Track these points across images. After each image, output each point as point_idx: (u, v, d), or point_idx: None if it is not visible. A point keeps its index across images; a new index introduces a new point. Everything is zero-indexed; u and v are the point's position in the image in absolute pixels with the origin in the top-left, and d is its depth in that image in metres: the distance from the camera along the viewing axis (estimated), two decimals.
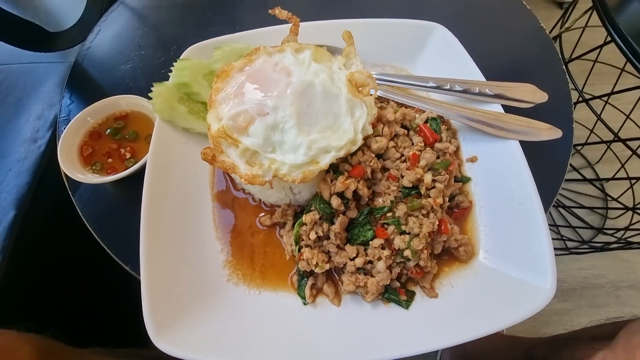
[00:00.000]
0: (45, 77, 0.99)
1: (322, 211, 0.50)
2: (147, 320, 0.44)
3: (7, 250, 0.77)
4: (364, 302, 0.51)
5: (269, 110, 0.47)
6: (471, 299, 0.49)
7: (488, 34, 0.80)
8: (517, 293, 0.46)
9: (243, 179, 0.47)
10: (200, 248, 0.55)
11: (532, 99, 0.62)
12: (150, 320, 0.44)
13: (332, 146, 0.48)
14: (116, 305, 1.08)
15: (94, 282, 0.98)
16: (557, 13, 1.84)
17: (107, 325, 1.01)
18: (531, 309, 0.44)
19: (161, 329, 0.44)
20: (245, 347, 0.46)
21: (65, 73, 0.94)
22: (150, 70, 0.80)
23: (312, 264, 0.49)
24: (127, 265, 0.56)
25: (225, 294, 0.52)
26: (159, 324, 0.44)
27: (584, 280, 1.45)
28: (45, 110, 0.95)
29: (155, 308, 0.45)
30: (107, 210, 0.63)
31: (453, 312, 0.48)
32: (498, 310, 0.46)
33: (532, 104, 0.62)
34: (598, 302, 1.41)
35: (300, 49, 0.52)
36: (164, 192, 0.55)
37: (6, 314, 0.74)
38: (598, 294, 1.43)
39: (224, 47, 0.64)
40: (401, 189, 0.54)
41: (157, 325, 0.44)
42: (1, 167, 0.87)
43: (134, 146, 0.66)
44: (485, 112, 0.58)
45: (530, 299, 0.45)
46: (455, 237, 0.53)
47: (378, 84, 0.58)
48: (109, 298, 1.04)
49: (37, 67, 1.01)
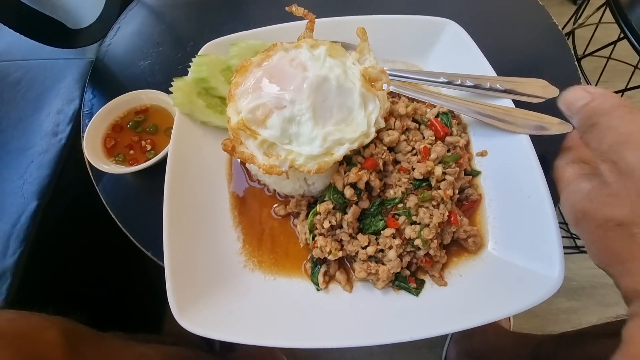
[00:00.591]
0: (65, 73, 1.02)
1: (336, 201, 0.52)
2: (171, 300, 0.47)
3: (30, 239, 0.81)
4: (375, 289, 0.53)
5: (287, 104, 0.49)
6: (479, 288, 0.51)
7: (500, 30, 0.80)
8: (525, 282, 0.48)
9: (261, 168, 0.49)
10: (217, 235, 0.58)
11: (543, 94, 0.62)
12: (174, 300, 0.47)
13: (346, 138, 0.50)
14: (132, 292, 1.12)
15: (112, 269, 1.02)
16: (570, 9, 1.82)
17: (124, 311, 1.05)
18: (539, 297, 0.45)
19: (183, 309, 0.47)
20: (261, 327, 0.48)
21: (83, 69, 0.98)
22: (168, 66, 0.82)
23: (325, 252, 0.51)
24: (149, 251, 0.59)
25: (242, 279, 0.54)
26: (181, 304, 0.47)
27: (592, 279, 1.44)
28: (65, 105, 0.98)
29: (178, 290, 0.48)
30: (129, 199, 0.66)
31: (462, 299, 0.50)
32: (506, 298, 0.48)
33: (543, 99, 0.62)
34: (607, 301, 1.40)
35: (315, 44, 0.54)
36: (184, 182, 0.58)
37: (31, 299, 0.78)
38: (607, 293, 1.42)
39: (240, 44, 0.67)
40: (412, 181, 0.55)
41: (179, 306, 0.47)
42: (23, 159, 0.91)
43: (154, 139, 0.69)
44: (496, 106, 0.59)
45: (538, 288, 0.46)
46: (465, 228, 0.55)
47: (390, 80, 0.60)
48: (125, 285, 1.08)
49: (56, 64, 1.04)
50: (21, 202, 0.85)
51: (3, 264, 0.78)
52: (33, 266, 0.80)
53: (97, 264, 0.96)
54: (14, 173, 0.89)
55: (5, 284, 0.76)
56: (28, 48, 1.08)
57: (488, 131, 0.61)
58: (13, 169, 0.90)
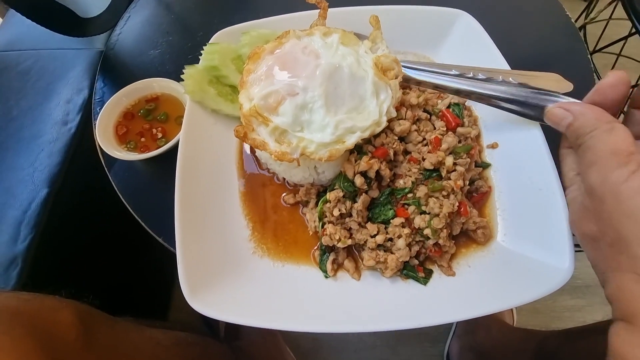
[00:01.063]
0: (74, 63, 1.03)
1: (346, 189, 0.53)
2: (182, 283, 0.48)
3: (41, 226, 0.82)
4: (383, 278, 0.53)
5: (299, 91, 0.49)
6: (488, 278, 0.51)
7: (512, 21, 0.80)
8: (535, 273, 0.48)
9: (273, 155, 0.49)
10: (227, 222, 0.58)
11: (557, 89, 0.61)
12: (186, 283, 0.48)
13: (357, 127, 0.50)
14: (139, 281, 1.14)
15: (121, 257, 1.03)
16: (581, 5, 1.80)
17: (132, 298, 1.06)
18: (548, 287, 0.45)
19: (195, 292, 0.48)
20: (270, 311, 0.49)
21: (92, 59, 0.98)
22: (178, 55, 0.83)
23: (334, 239, 0.52)
24: (160, 237, 0.60)
25: (251, 265, 0.55)
26: (192, 287, 0.48)
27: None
28: (75, 94, 0.99)
29: (189, 273, 0.49)
30: (140, 186, 0.67)
31: (470, 289, 0.50)
32: (515, 289, 0.48)
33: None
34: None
35: (328, 32, 0.54)
36: (195, 169, 0.58)
37: (42, 284, 0.79)
38: None
39: (251, 32, 0.67)
40: (422, 171, 0.55)
41: (191, 288, 0.48)
42: (34, 147, 0.92)
43: (164, 127, 0.70)
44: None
45: (547, 279, 0.46)
46: (474, 219, 0.55)
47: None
48: (133, 273, 1.09)
49: (66, 54, 1.05)
50: (32, 190, 0.86)
51: (14, 249, 0.79)
52: (43, 252, 0.81)
53: (105, 251, 0.97)
54: (25, 161, 0.90)
55: (16, 270, 0.78)
56: (37, 38, 1.08)
57: (499, 123, 0.61)
58: (24, 157, 0.91)
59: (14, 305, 0.46)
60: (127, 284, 1.07)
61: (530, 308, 1.38)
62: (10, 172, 0.90)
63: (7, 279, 0.76)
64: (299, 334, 1.29)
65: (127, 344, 0.58)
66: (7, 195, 0.87)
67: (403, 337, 1.32)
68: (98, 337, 0.52)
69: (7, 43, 1.13)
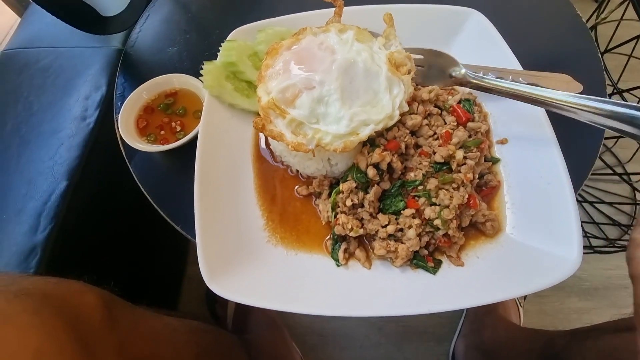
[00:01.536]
0: (92, 61, 1.06)
1: (358, 180, 0.54)
2: (202, 268, 0.51)
3: (60, 217, 0.84)
4: (393, 267, 0.55)
5: (316, 84, 0.51)
6: (497, 268, 0.52)
7: (522, 21, 0.81)
8: (543, 263, 0.49)
9: (290, 145, 0.51)
10: (243, 212, 0.60)
11: (567, 90, 0.61)
12: (205, 267, 0.50)
13: (371, 119, 0.52)
14: (151, 273, 1.16)
15: (135, 249, 1.06)
16: (591, 6, 1.80)
17: (146, 288, 1.09)
18: (558, 276, 0.47)
19: (213, 276, 0.50)
20: (284, 295, 0.51)
21: (109, 57, 1.01)
22: (195, 52, 0.85)
23: (347, 228, 0.53)
24: (179, 226, 0.62)
25: (266, 253, 0.57)
26: (211, 271, 0.51)
27: (607, 280, 1.42)
28: (93, 91, 1.02)
29: (208, 258, 0.51)
30: (160, 177, 0.70)
31: (479, 278, 0.52)
32: (524, 278, 0.49)
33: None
34: (620, 303, 1.39)
35: (343, 29, 0.56)
36: (213, 159, 0.61)
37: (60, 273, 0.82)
38: (621, 295, 1.40)
39: (267, 30, 0.69)
40: (433, 164, 0.57)
41: (210, 272, 0.50)
42: (54, 141, 0.95)
43: (183, 120, 0.72)
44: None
45: (556, 268, 0.47)
46: (483, 212, 0.56)
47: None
48: (146, 264, 1.11)
49: (84, 52, 1.08)
50: (52, 182, 0.89)
51: (34, 239, 0.82)
52: (62, 243, 0.84)
53: (121, 243, 1.00)
54: (45, 154, 0.93)
55: (35, 259, 0.80)
56: (56, 36, 1.12)
57: (509, 120, 0.63)
58: (44, 150, 0.94)
59: (43, 288, 0.48)
60: (140, 276, 1.09)
61: (537, 309, 1.37)
62: (31, 165, 0.93)
63: (27, 268, 0.78)
64: (305, 330, 1.30)
65: (147, 329, 0.60)
66: (28, 186, 0.89)
67: (408, 336, 1.33)
68: (120, 320, 0.54)
69: (27, 40, 1.17)
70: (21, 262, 0.79)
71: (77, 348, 0.43)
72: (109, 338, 0.50)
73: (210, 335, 0.81)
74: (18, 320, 0.41)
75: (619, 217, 1.45)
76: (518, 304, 1.25)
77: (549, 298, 1.38)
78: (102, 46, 1.05)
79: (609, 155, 1.52)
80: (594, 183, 1.51)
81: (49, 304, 0.45)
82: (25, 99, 1.03)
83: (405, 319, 1.32)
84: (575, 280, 1.41)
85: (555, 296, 1.38)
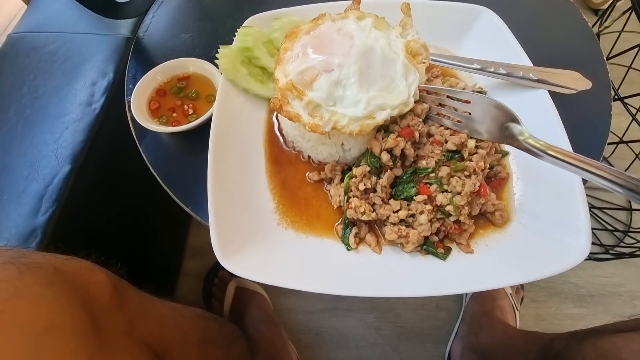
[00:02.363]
0: (100, 48, 1.06)
1: (372, 165, 0.55)
2: (214, 245, 0.51)
3: (62, 200, 0.83)
4: (403, 253, 0.55)
5: (335, 67, 0.52)
6: (506, 255, 0.53)
7: (529, 22, 0.82)
8: (552, 250, 0.50)
9: (307, 126, 0.52)
10: (254, 194, 0.60)
11: (576, 86, 0.63)
12: (218, 245, 0.51)
13: (387, 104, 0.53)
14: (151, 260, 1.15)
15: (136, 235, 1.05)
16: (592, 18, 1.85)
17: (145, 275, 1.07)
18: (567, 263, 0.47)
19: (226, 254, 0.50)
20: (294, 275, 0.51)
21: (116, 45, 1.01)
22: (209, 39, 0.86)
23: (359, 212, 0.54)
24: (189, 207, 0.62)
25: (277, 235, 0.57)
26: (223, 249, 0.51)
27: (602, 288, 1.44)
28: (100, 77, 1.02)
29: (221, 237, 0.51)
30: (169, 158, 0.69)
31: (488, 264, 0.52)
32: (532, 265, 0.50)
33: (575, 90, 0.63)
34: (614, 310, 1.40)
35: (362, 16, 0.57)
36: (226, 141, 0.61)
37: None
38: (614, 302, 1.42)
39: (282, 18, 0.70)
40: (445, 153, 0.58)
41: (222, 250, 0.50)
42: (59, 125, 0.95)
43: (195, 104, 0.72)
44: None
45: (565, 256, 0.48)
46: (492, 202, 0.57)
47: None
48: (145, 251, 1.10)
49: (92, 38, 1.08)
50: (55, 165, 0.88)
51: (34, 222, 0.81)
52: (63, 226, 0.83)
53: (123, 229, 0.99)
54: (49, 137, 0.93)
55: (35, 241, 0.79)
56: (64, 22, 1.12)
57: (519, 114, 0.63)
58: (48, 133, 0.93)
59: (54, 262, 0.47)
60: (136, 266, 1.08)
61: (533, 314, 1.38)
62: (34, 148, 0.92)
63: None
64: (301, 328, 1.29)
65: (154, 311, 0.59)
66: (31, 169, 0.88)
67: (405, 336, 1.33)
68: (128, 301, 0.53)
69: (34, 25, 1.16)
70: (21, 244, 0.78)
71: (87, 323, 0.43)
72: (118, 317, 0.50)
73: (214, 323, 0.80)
74: (30, 291, 0.40)
75: (615, 225, 1.48)
76: (514, 308, 1.26)
77: (545, 303, 1.39)
78: (110, 34, 1.05)
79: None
80: (590, 192, 1.53)
81: (61, 278, 0.45)
82: (31, 82, 1.02)
83: (402, 319, 1.32)
84: (570, 286, 1.42)
85: (550, 302, 1.39)
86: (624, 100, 0.96)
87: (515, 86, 0.64)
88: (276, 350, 1.11)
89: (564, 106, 0.61)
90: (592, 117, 0.70)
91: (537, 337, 0.98)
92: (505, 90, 0.65)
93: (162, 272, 1.24)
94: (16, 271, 0.42)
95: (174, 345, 0.60)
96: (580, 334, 0.83)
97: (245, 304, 1.16)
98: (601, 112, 0.69)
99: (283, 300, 1.29)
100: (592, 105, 0.69)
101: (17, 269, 0.42)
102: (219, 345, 0.77)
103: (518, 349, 1.02)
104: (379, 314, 1.31)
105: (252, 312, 1.16)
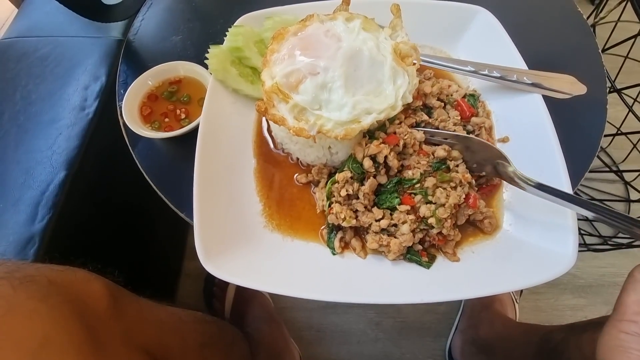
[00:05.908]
0: (91, 51, 1.05)
1: (354, 171, 0.54)
2: (198, 247, 0.50)
3: (58, 206, 0.83)
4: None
5: (320, 70, 0.51)
6: (492, 263, 0.52)
7: (521, 14, 0.81)
8: (539, 259, 0.49)
9: (291, 130, 0.51)
10: (240, 196, 0.60)
11: (571, 91, 0.62)
12: (201, 247, 0.50)
13: (374, 108, 0.52)
14: (149, 265, 1.15)
15: (134, 240, 1.05)
16: (588, 8, 1.82)
17: (144, 280, 1.08)
18: (553, 272, 0.47)
19: (209, 256, 0.50)
20: (278, 278, 0.51)
21: (108, 47, 1.00)
22: (199, 41, 0.85)
23: (340, 218, 0.53)
24: (183, 213, 0.62)
25: (262, 238, 0.57)
26: (207, 251, 0.50)
27: (600, 278, 1.44)
28: (92, 81, 1.01)
29: (205, 239, 0.51)
30: (163, 164, 0.69)
31: (474, 272, 0.52)
32: (519, 273, 0.49)
33: (570, 95, 0.62)
34: (613, 301, 1.39)
35: (350, 18, 0.56)
36: (214, 142, 0.60)
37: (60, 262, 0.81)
38: (614, 292, 1.41)
39: (274, 17, 0.69)
40: (431, 163, 0.57)
41: (206, 253, 0.50)
42: (52, 131, 0.94)
43: (187, 108, 0.72)
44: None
45: (552, 264, 0.48)
46: (481, 210, 0.56)
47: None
48: (143, 256, 1.11)
49: (83, 42, 1.07)
50: (50, 172, 0.87)
51: (32, 229, 0.81)
52: (60, 232, 0.83)
53: (120, 234, 0.99)
54: (44, 144, 0.92)
55: (33, 248, 0.79)
56: (55, 25, 1.10)
57: (511, 118, 0.62)
58: (42, 140, 0.93)
59: (48, 274, 0.47)
60: (137, 270, 1.09)
61: (532, 306, 1.39)
62: (29, 154, 0.91)
63: (24, 257, 0.77)
64: (302, 325, 1.30)
65: (152, 318, 0.60)
66: (26, 176, 0.88)
67: (405, 331, 1.34)
68: (126, 309, 0.54)
69: (25, 29, 1.15)
70: (19, 252, 0.78)
71: (84, 336, 0.43)
72: (116, 326, 0.50)
73: (214, 326, 0.81)
74: (24, 307, 0.40)
75: None
76: (514, 300, 1.27)
77: (544, 295, 1.40)
78: (101, 36, 1.04)
79: (604, 155, 1.55)
80: (588, 182, 1.53)
81: (55, 291, 0.45)
82: (23, 88, 1.01)
83: (403, 314, 1.33)
84: (569, 277, 1.43)
85: (550, 293, 1.39)
86: (620, 92, 0.95)
87: (509, 89, 0.63)
88: (278, 348, 1.12)
89: (560, 102, 0.60)
90: (588, 113, 0.69)
91: (536, 330, 0.99)
92: (499, 93, 0.63)
93: (163, 274, 1.24)
94: (9, 287, 0.42)
95: (174, 351, 0.61)
96: (579, 326, 0.83)
97: (247, 303, 1.17)
98: (596, 110, 0.68)
99: (284, 298, 1.30)
100: (587, 102, 0.68)
101: (10, 284, 0.42)
102: (219, 349, 0.78)
103: (517, 342, 1.03)
104: (380, 309, 1.32)
105: (254, 311, 1.16)
